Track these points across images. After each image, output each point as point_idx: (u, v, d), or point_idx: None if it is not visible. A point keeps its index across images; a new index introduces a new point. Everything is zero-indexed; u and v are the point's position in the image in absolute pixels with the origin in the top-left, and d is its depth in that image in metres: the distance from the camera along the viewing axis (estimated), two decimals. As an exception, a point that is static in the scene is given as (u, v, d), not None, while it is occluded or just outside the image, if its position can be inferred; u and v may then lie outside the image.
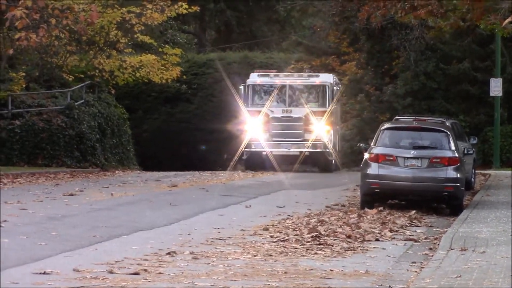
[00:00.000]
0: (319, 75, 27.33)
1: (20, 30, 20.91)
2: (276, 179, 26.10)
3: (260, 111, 25.74)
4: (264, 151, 25.63)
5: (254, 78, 27.11)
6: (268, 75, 27.38)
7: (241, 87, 26.68)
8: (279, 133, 25.60)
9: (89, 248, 11.47)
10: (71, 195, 19.10)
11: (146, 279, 8.81)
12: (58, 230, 13.36)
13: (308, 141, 25.18)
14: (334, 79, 28.24)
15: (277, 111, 25.65)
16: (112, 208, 17.54)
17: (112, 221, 14.98)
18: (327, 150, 25.50)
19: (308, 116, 25.26)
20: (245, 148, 26.16)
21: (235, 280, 8.94)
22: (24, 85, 29.49)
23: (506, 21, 17.70)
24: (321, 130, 25.29)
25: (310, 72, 29.37)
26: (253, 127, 25.59)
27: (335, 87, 26.69)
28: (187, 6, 32.27)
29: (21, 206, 16.20)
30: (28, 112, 28.64)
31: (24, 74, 29.32)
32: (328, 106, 25.56)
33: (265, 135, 25.62)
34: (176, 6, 31.73)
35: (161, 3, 30.89)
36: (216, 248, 11.91)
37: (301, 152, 25.38)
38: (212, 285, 8.53)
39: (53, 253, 10.89)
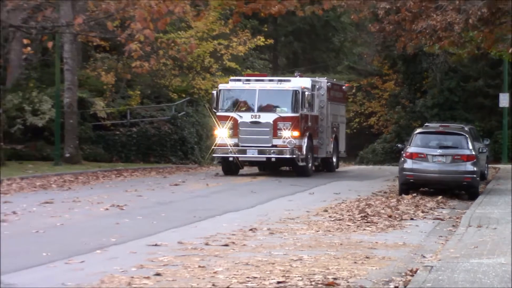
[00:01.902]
0: (290, 80, 21.95)
1: (135, 59, 21.42)
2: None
3: (229, 116, 20.73)
4: (230, 156, 20.74)
5: (228, 83, 22.78)
6: (240, 80, 22.33)
7: (213, 92, 21.89)
8: (247, 139, 20.49)
9: (190, 226, 11.45)
10: (176, 185, 18.91)
11: (233, 250, 8.77)
12: (166, 212, 13.35)
13: (276, 146, 20.38)
14: (315, 84, 22.52)
15: (246, 116, 20.55)
16: (207, 195, 17.36)
17: (207, 205, 14.87)
18: (295, 156, 20.23)
19: (277, 121, 20.34)
20: (213, 154, 21.98)
21: (302, 250, 8.82)
22: (139, 101, 30.21)
23: (511, 49, 20.18)
24: (290, 136, 20.16)
25: (299, 76, 23.45)
26: (221, 132, 20.78)
27: (307, 92, 20.90)
28: (263, 40, 33.30)
29: (137, 193, 16.38)
30: (143, 121, 29.22)
31: (139, 92, 29.94)
32: (299, 111, 20.49)
33: (233, 140, 20.51)
34: (255, 40, 32.72)
35: (244, 37, 32.02)
36: (287, 225, 11.63)
37: (267, 158, 20.76)
38: (284, 254, 8.39)
39: (162, 230, 10.88)
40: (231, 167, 21.31)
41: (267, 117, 20.28)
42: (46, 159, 24.93)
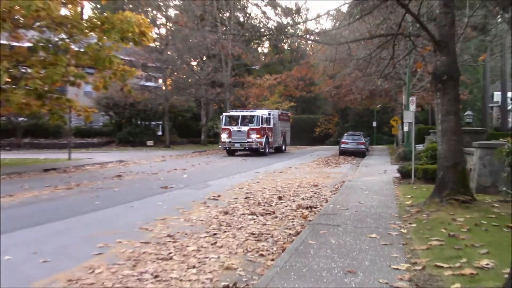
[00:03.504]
0: (256, 110, 35.89)
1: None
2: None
3: (228, 128, 33.95)
4: (227, 146, 33.98)
5: (228, 113, 36.51)
6: (233, 110, 38.11)
7: (222, 117, 35.70)
8: (235, 139, 33.52)
9: (260, 168, 23.30)
10: (221, 158, 32.33)
11: (281, 174, 20.49)
12: (240, 166, 25.53)
13: (248, 143, 33.22)
14: (270, 112, 36.39)
15: (235, 128, 33.73)
16: (243, 163, 29.92)
17: (250, 165, 27.44)
18: (257, 147, 33.07)
19: (249, 130, 33.26)
20: (220, 145, 35.01)
21: (305, 174, 20.85)
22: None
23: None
24: (255, 138, 33.16)
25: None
26: (224, 136, 34.01)
27: (264, 116, 34.38)
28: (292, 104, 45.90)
29: (219, 162, 27.78)
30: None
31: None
32: (260, 125, 33.51)
33: (229, 139, 33.74)
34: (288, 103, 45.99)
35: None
36: (294, 169, 24.16)
37: (244, 148, 33.54)
38: (300, 176, 20.23)
39: (252, 169, 22.80)
40: (230, 152, 34.93)
41: (244, 128, 33.40)
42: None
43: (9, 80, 19.92)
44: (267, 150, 34.58)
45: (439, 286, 5.37)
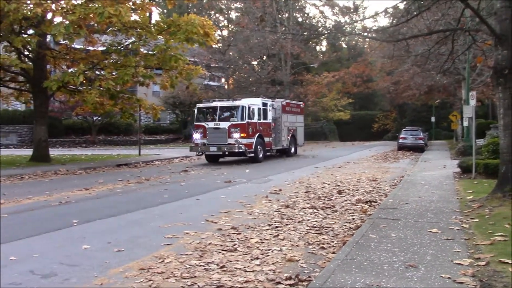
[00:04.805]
0: (241, 99, 25.45)
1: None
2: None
3: (201, 125, 23.85)
4: (200, 150, 23.87)
5: (202, 104, 25.41)
6: (208, 101, 26.09)
7: (194, 110, 25.29)
8: (212, 139, 23.36)
9: (319, 167, 23.31)
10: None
11: (339, 169, 20.23)
12: (287, 165, 25.95)
13: (230, 144, 23.09)
14: (266, 102, 26.50)
15: (211, 124, 23.58)
16: (271, 166, 29.63)
17: (286, 167, 26.86)
18: (242, 150, 23.05)
19: (230, 127, 23.25)
20: (192, 150, 24.42)
21: (364, 169, 20.48)
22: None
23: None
24: (238, 137, 23.07)
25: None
26: (197, 135, 23.76)
27: (253, 107, 24.36)
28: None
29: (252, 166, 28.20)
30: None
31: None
32: (246, 120, 23.46)
33: (204, 141, 23.53)
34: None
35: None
36: (347, 165, 23.71)
37: (223, 152, 23.66)
38: (358, 171, 19.73)
39: (309, 165, 22.73)
40: (211, 158, 25.04)
41: (224, 125, 23.35)
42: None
43: (85, 81, 20.67)
44: (260, 155, 24.86)
45: (504, 283, 5.11)
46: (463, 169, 17.13)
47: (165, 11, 52.59)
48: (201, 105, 25.04)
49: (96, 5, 18.00)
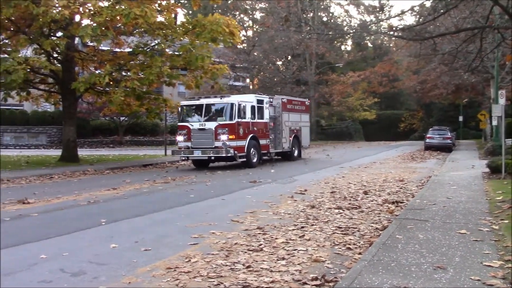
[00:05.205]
0: (230, 96, 22.39)
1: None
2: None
3: (185, 126, 21.28)
4: (184, 155, 21.25)
5: (186, 101, 23.06)
6: (193, 98, 23.40)
7: (179, 108, 22.59)
8: (196, 142, 20.84)
9: (343, 168, 23.23)
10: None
11: (366, 169, 20.01)
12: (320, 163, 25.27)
13: (217, 148, 20.46)
14: (263, 99, 23.58)
15: (196, 124, 20.98)
16: (285, 168, 28.92)
17: (299, 170, 26.14)
18: (231, 154, 20.26)
19: (217, 128, 20.59)
20: (174, 154, 22.39)
21: (391, 169, 20.08)
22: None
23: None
24: (226, 139, 20.36)
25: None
26: (180, 137, 21.42)
27: (244, 104, 21.45)
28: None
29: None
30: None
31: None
32: (236, 119, 20.60)
33: (188, 143, 21.07)
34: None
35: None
36: (372, 166, 23.44)
37: (209, 157, 20.89)
38: (385, 171, 19.65)
39: (335, 164, 22.83)
40: (198, 164, 22.28)
41: (210, 125, 20.76)
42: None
43: (111, 82, 20.95)
44: (254, 160, 22.05)
45: (536, 285, 5.00)
46: (492, 169, 16.82)
47: (190, 12, 52.89)
48: (185, 102, 22.62)
49: (123, 7, 18.24)
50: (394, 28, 25.72)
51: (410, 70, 55.29)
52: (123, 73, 22.06)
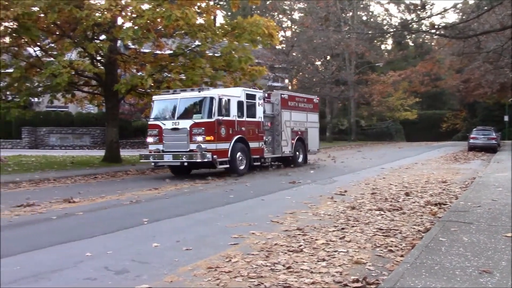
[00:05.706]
0: (209, 89, 18.44)
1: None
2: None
3: (157, 125, 17.99)
4: (154, 160, 17.82)
5: (159, 96, 19.08)
6: (168, 92, 19.13)
7: (152, 103, 19.05)
8: (168, 144, 17.62)
9: (383, 169, 23.02)
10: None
11: (405, 171, 19.64)
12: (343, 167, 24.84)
13: (192, 151, 17.03)
14: (254, 94, 19.81)
15: (168, 123, 17.70)
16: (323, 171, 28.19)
17: (340, 171, 25.58)
18: (207, 159, 16.78)
19: (192, 127, 17.15)
20: (142, 159, 18.75)
21: (433, 170, 19.76)
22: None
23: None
24: (201, 141, 16.97)
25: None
26: (150, 139, 18.18)
27: (227, 99, 17.60)
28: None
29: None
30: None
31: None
32: (215, 117, 17.06)
33: (159, 146, 17.82)
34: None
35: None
36: (413, 167, 22.99)
37: (181, 162, 17.37)
38: (427, 172, 18.98)
39: (376, 165, 22.55)
40: (178, 170, 18.87)
41: (184, 124, 17.41)
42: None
43: (153, 84, 21.29)
44: (242, 166, 18.44)
45: None
46: (540, 170, 16.24)
47: (229, 14, 53.23)
48: (157, 97, 19.02)
49: (164, 9, 18.52)
50: (436, 26, 25.25)
51: (452, 68, 54.03)
52: (164, 75, 22.37)
